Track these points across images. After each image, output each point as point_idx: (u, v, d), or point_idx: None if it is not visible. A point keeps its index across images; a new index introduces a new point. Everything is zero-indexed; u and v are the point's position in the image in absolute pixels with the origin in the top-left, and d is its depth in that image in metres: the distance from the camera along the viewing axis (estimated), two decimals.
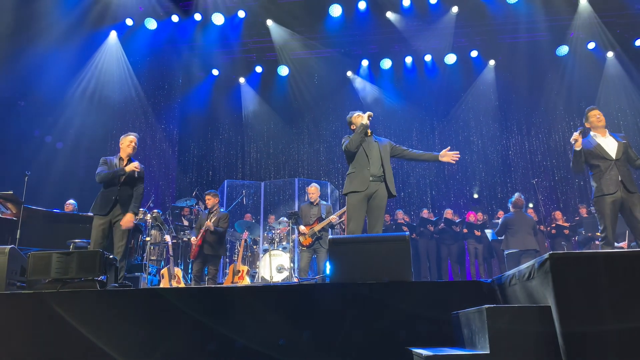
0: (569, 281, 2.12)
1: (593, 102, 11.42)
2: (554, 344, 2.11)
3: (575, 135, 4.87)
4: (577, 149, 4.87)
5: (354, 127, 4.94)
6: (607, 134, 4.95)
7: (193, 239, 6.96)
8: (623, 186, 4.67)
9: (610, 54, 11.23)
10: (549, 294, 2.17)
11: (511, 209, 7.87)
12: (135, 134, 5.59)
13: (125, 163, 5.39)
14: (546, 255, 2.21)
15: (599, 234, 4.80)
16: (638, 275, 2.10)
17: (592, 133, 5.04)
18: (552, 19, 10.79)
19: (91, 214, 5.25)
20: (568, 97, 11.64)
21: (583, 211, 9.36)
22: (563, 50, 11.28)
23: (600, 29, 10.84)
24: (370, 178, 4.66)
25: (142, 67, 11.62)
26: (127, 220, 5.17)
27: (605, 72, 11.36)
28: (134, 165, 5.23)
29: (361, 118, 4.90)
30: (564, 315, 2.07)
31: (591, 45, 11.15)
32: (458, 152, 4.94)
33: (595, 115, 5.03)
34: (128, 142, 5.46)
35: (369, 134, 4.93)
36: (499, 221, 8.16)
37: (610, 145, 4.87)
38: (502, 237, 7.90)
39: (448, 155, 4.92)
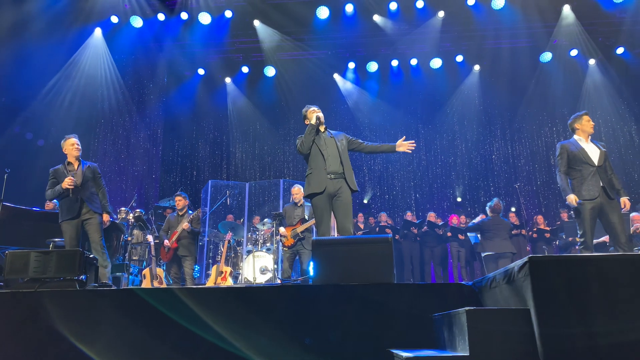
0: (548, 284, 2.15)
1: (576, 109, 11.58)
2: (532, 346, 2.13)
3: (573, 201, 4.81)
4: (574, 204, 4.81)
5: (307, 122, 4.79)
6: (589, 140, 5.03)
7: (166, 241, 6.93)
8: (604, 192, 4.75)
9: (592, 61, 11.42)
10: (528, 297, 2.20)
11: (489, 214, 8.01)
12: (74, 135, 5.55)
13: (76, 166, 5.40)
14: (526, 259, 2.24)
15: (578, 238, 4.88)
16: (615, 279, 2.13)
17: (576, 137, 5.10)
18: (536, 25, 10.93)
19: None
20: (551, 103, 11.82)
21: (564, 216, 9.49)
22: (546, 56, 11.44)
23: (582, 37, 11.02)
24: (330, 176, 4.52)
25: (127, 65, 11.51)
26: (105, 220, 5.40)
27: (587, 79, 11.55)
28: (67, 183, 5.17)
29: (314, 113, 4.72)
30: (542, 317, 2.09)
31: (574, 52, 11.33)
32: (414, 141, 4.80)
33: (589, 120, 5.08)
34: (71, 145, 5.42)
35: (323, 130, 4.76)
36: (473, 223, 8.31)
37: (593, 151, 4.93)
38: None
39: (404, 145, 4.75)
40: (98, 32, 10.79)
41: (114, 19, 10.68)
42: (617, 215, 4.69)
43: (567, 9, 10.71)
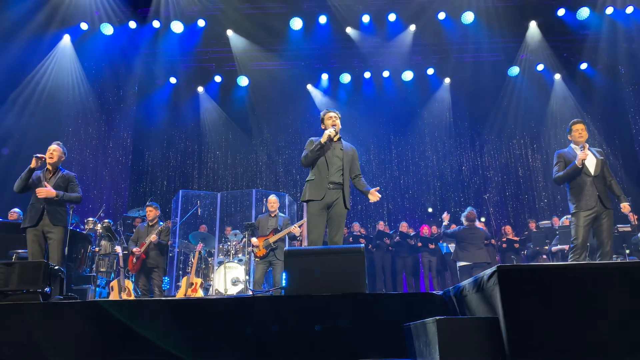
0: (516, 293, 2.18)
1: (542, 122, 11.97)
2: (501, 354, 2.16)
3: (583, 154, 4.90)
4: (580, 166, 4.90)
5: (324, 127, 4.80)
6: (587, 149, 5.00)
7: (135, 249, 6.78)
8: (600, 202, 4.85)
9: (557, 76, 11.80)
10: (497, 305, 2.23)
11: (464, 222, 7.97)
12: (56, 142, 5.41)
13: (52, 174, 5.28)
14: (494, 268, 2.27)
15: (566, 247, 5.00)
16: (581, 287, 2.18)
17: (572, 146, 5.15)
18: (504, 40, 11.24)
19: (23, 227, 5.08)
20: (519, 115, 12.14)
21: (532, 226, 9.71)
22: (514, 70, 11.76)
23: (548, 52, 11.38)
24: (330, 186, 4.52)
25: (97, 72, 11.29)
26: (46, 190, 5.02)
27: (553, 93, 11.93)
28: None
29: (331, 121, 4.73)
30: (511, 325, 2.12)
31: (540, 67, 11.68)
32: (380, 195, 4.77)
33: (578, 130, 5.10)
34: (47, 152, 5.30)
35: (337, 139, 4.71)
36: (450, 230, 8.26)
37: (590, 160, 4.96)
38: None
39: (374, 195, 4.71)
40: (67, 38, 10.58)
41: (84, 26, 10.48)
42: (607, 224, 4.82)
43: (533, 25, 11.06)
